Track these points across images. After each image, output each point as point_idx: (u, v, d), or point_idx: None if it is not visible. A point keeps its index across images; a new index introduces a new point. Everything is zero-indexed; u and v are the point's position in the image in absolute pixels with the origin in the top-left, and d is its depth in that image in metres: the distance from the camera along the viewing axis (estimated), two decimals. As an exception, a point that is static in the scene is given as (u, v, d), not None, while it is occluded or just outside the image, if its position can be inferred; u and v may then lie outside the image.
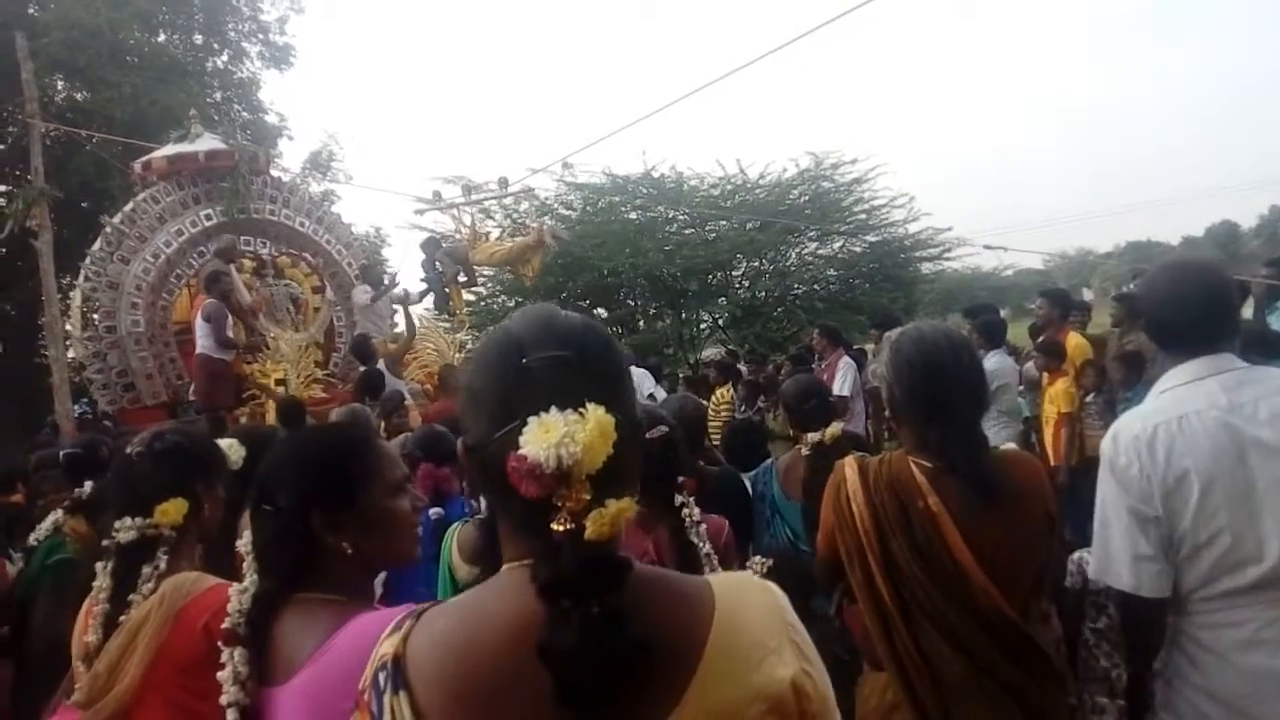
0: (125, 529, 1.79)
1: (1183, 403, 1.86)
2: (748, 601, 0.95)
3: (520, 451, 0.83)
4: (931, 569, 1.79)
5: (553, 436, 0.83)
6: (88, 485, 2.74)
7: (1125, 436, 1.88)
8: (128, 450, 1.90)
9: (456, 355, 8.35)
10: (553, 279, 15.31)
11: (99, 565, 1.81)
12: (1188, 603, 1.84)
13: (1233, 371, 1.87)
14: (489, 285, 16.61)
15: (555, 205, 16.27)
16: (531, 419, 0.84)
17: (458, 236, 10.98)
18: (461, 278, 11.03)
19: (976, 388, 1.91)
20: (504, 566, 0.94)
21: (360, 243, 12.77)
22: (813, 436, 3.16)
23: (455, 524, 2.60)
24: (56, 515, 2.87)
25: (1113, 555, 1.88)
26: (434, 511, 3.08)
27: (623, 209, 16.03)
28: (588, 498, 0.84)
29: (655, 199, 16.01)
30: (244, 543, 1.44)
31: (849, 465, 1.93)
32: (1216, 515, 1.78)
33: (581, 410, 0.85)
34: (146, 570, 1.77)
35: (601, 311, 16.51)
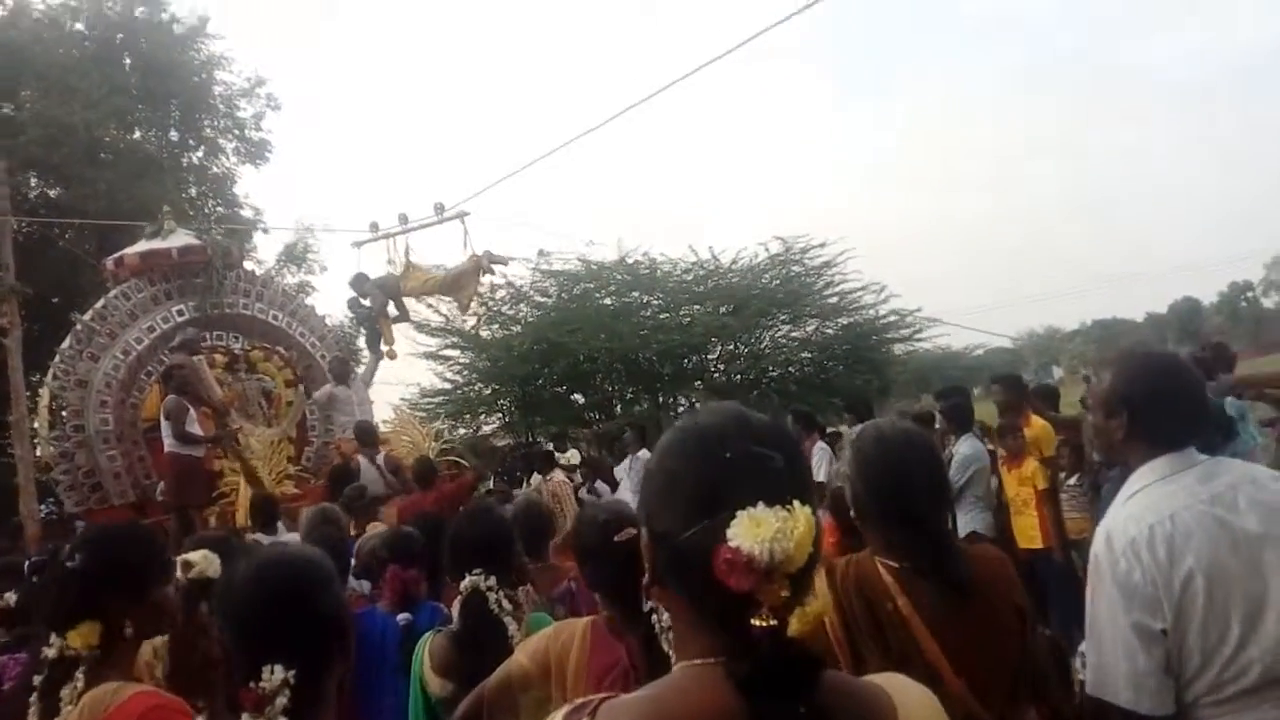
0: (49, 646, 1.75)
1: (1168, 499, 1.83)
2: (917, 700, 0.99)
3: (731, 544, 0.83)
4: (902, 673, 1.76)
5: (765, 531, 0.82)
6: (10, 596, 2.67)
7: (1120, 541, 1.83)
8: (62, 560, 1.86)
9: (431, 446, 8.27)
10: (529, 366, 15.34)
11: (35, 679, 1.77)
12: (1193, 710, 1.78)
13: (1201, 465, 1.87)
14: (465, 374, 16.60)
15: (530, 292, 16.43)
16: (741, 513, 0.84)
17: (390, 268, 10.78)
18: (392, 310, 10.85)
19: (940, 486, 1.92)
20: (681, 663, 0.93)
21: (334, 333, 12.77)
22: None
23: (427, 634, 2.53)
24: None
25: (1108, 669, 1.81)
26: (402, 617, 3.00)
27: (598, 295, 16.19)
28: (786, 594, 0.83)
29: (630, 285, 16.21)
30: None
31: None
32: (1225, 615, 1.74)
33: (789, 507, 0.85)
34: (65, 692, 1.73)
35: (578, 396, 16.51)
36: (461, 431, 14.78)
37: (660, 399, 16.48)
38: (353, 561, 4.07)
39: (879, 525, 1.90)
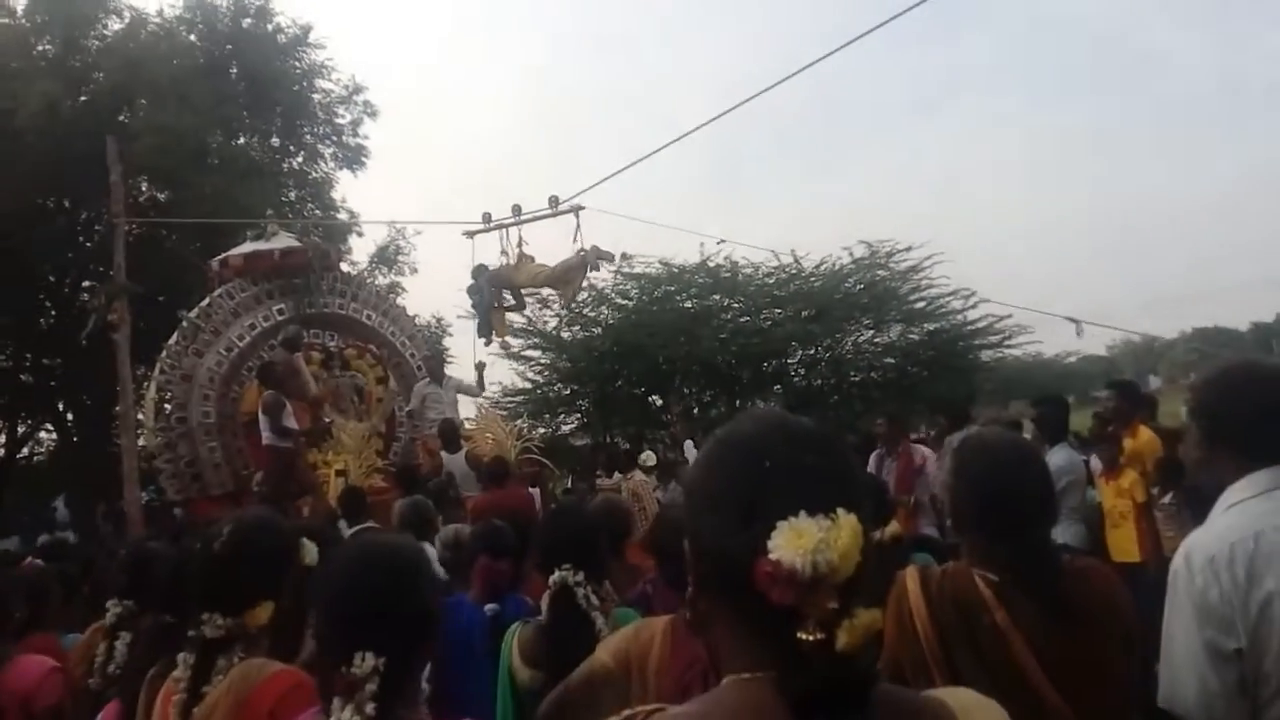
0: (213, 626, 1.83)
1: (1258, 518, 1.75)
2: (984, 715, 0.97)
3: (772, 556, 0.81)
4: (1001, 689, 1.71)
5: (807, 542, 0.80)
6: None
7: (1200, 557, 1.77)
8: (214, 544, 1.94)
9: (514, 445, 8.41)
10: (608, 365, 15.47)
11: (180, 656, 1.86)
12: None
13: None
14: (545, 374, 16.82)
15: (612, 295, 16.54)
16: (781, 523, 0.82)
17: (503, 260, 10.68)
18: (508, 301, 10.90)
19: (1046, 499, 1.86)
20: (729, 678, 0.91)
21: (422, 333, 13.10)
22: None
23: (515, 624, 2.59)
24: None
25: (1179, 684, 1.76)
26: (489, 607, 3.07)
27: (678, 298, 16.21)
28: (835, 606, 0.81)
29: (710, 288, 16.17)
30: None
31: (910, 577, 1.89)
32: None
33: (833, 516, 0.83)
34: (221, 663, 1.82)
35: (656, 399, 16.55)
36: (541, 430, 14.97)
37: (738, 402, 16.40)
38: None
39: (978, 535, 1.86)
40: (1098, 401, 7.69)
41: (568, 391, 16.67)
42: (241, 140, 18.74)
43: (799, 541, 0.80)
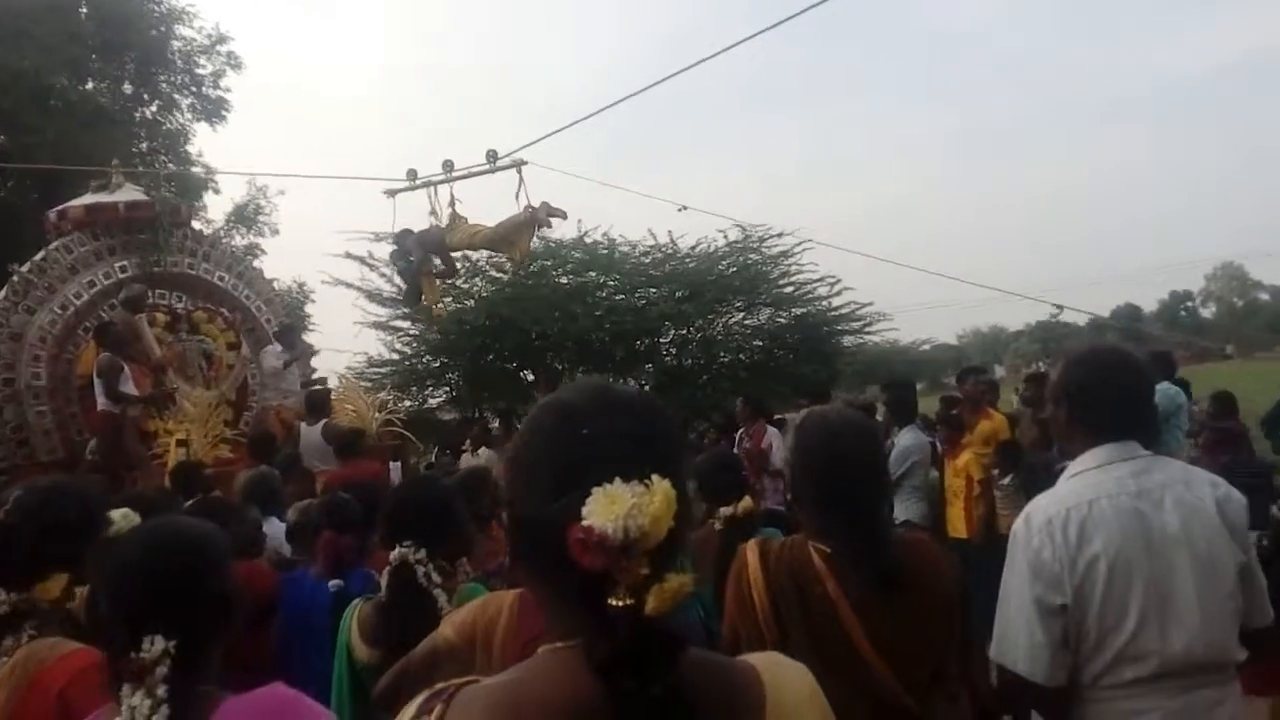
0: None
1: (1095, 487, 1.90)
2: (791, 681, 0.97)
3: (585, 522, 0.81)
4: (829, 657, 1.78)
5: (620, 508, 0.81)
6: None
7: (1038, 519, 1.91)
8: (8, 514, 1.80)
9: (375, 417, 8.15)
10: (480, 339, 15.20)
11: None
12: (1093, 690, 1.86)
13: (1140, 459, 1.93)
14: (413, 345, 16.41)
15: (486, 266, 16.25)
16: (596, 489, 0.82)
17: (434, 221, 9.57)
18: (439, 265, 9.85)
19: (879, 474, 1.94)
20: (543, 648, 0.91)
21: (281, 298, 12.51)
22: (725, 511, 3.17)
23: (356, 601, 2.51)
24: None
25: (1010, 638, 1.91)
26: (333, 584, 2.98)
27: (554, 273, 16.08)
28: (646, 572, 0.81)
29: (587, 264, 16.12)
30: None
31: (751, 549, 1.94)
32: (1124, 602, 1.81)
33: (647, 482, 0.83)
34: (8, 642, 1.70)
35: (528, 374, 16.42)
36: (407, 404, 14.59)
37: (610, 379, 16.43)
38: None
39: (814, 509, 1.92)
40: (947, 388, 8.12)
41: (437, 364, 16.30)
42: (90, 85, 17.32)
43: (612, 508, 0.81)
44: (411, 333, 16.30)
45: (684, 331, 16.57)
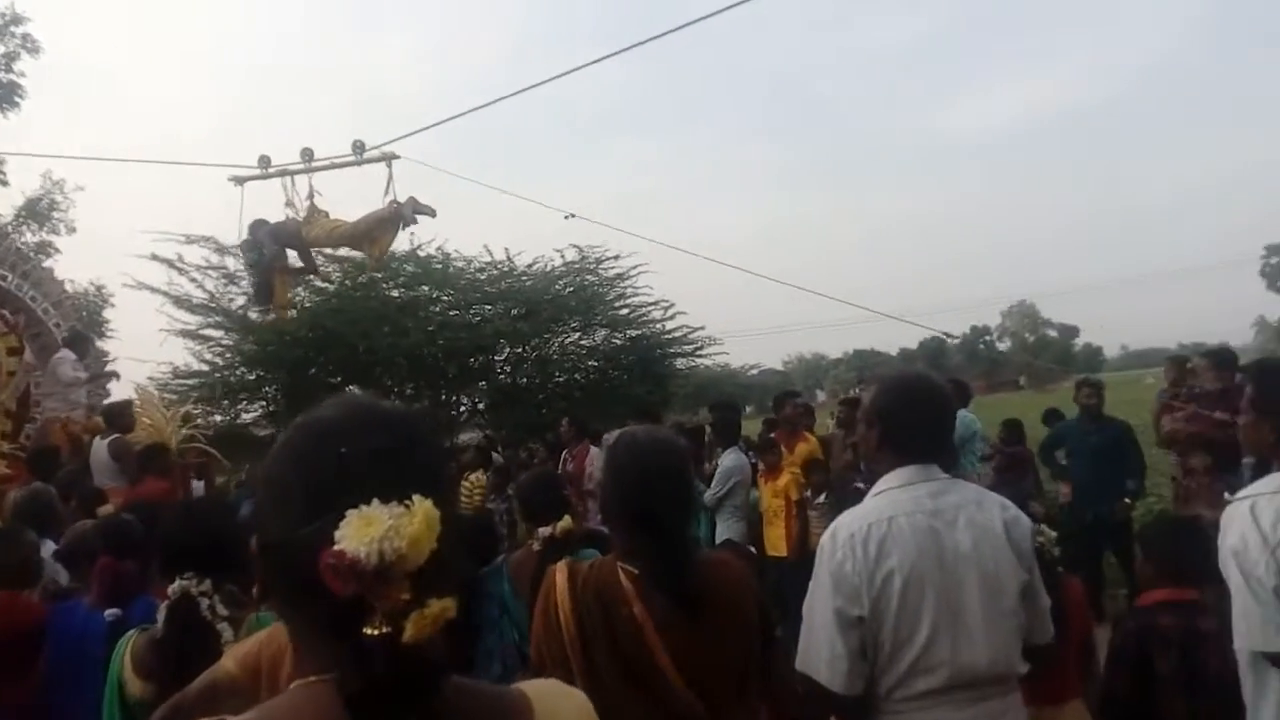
0: None
1: (895, 505, 2.00)
2: (564, 710, 0.95)
3: (338, 547, 0.75)
4: (634, 678, 1.78)
5: (375, 530, 0.75)
6: None
7: (842, 534, 1.99)
8: None
9: (176, 431, 7.55)
10: (301, 352, 14.45)
11: None
12: (888, 702, 1.94)
13: (939, 480, 2.04)
14: (227, 356, 15.39)
15: (311, 278, 15.51)
16: (351, 511, 0.77)
17: (289, 213, 8.87)
18: (294, 262, 9.17)
19: (687, 495, 1.95)
20: (295, 683, 0.84)
21: (74, 301, 11.44)
22: (543, 531, 3.12)
23: (131, 632, 2.28)
24: None
25: (814, 648, 1.97)
26: (110, 613, 2.71)
27: (384, 285, 15.54)
28: (407, 597, 0.76)
29: (420, 278, 15.69)
30: None
31: (560, 570, 1.91)
32: (916, 615, 1.90)
33: (407, 503, 0.78)
34: None
35: (353, 389, 15.75)
36: (217, 418, 13.65)
37: (444, 397, 16.08)
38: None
39: (623, 529, 1.92)
40: (770, 411, 8.43)
41: (253, 377, 15.33)
42: None
43: (367, 530, 0.76)
44: (224, 342, 15.29)
45: (519, 350, 16.43)
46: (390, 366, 15.52)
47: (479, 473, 8.88)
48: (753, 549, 6.09)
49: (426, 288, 15.69)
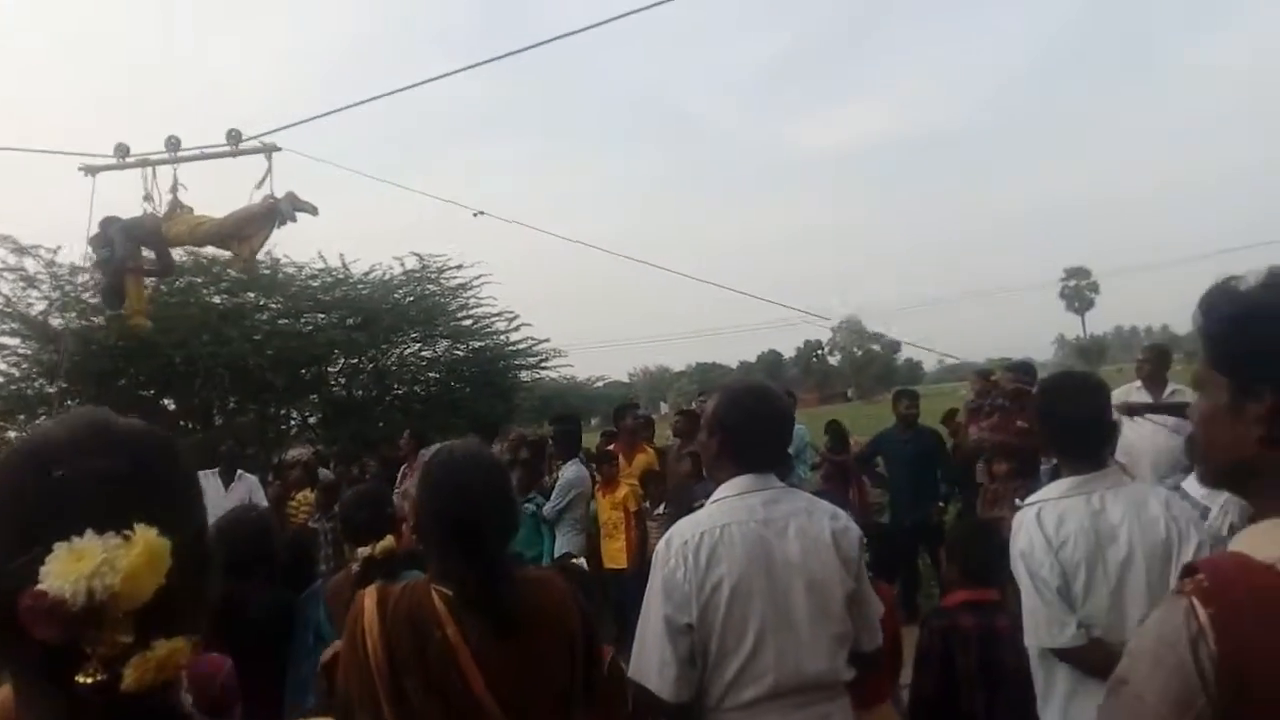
0: None
1: (730, 513, 2.02)
2: None
3: (39, 586, 0.66)
4: (447, 704, 1.70)
5: (85, 566, 0.67)
6: None
7: (676, 541, 2.00)
8: None
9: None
10: (110, 362, 13.31)
11: None
12: (716, 712, 1.96)
13: (773, 489, 2.08)
14: (24, 366, 13.99)
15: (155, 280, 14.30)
16: (59, 545, 0.68)
17: (148, 208, 7.96)
18: (150, 259, 8.20)
19: (504, 513, 1.89)
20: None
21: None
22: (363, 551, 2.97)
23: None
24: None
25: (646, 655, 1.97)
26: None
27: (204, 291, 14.56)
28: (128, 640, 0.68)
29: (244, 284, 14.79)
30: None
31: (369, 595, 1.79)
32: (743, 624, 1.92)
33: (128, 533, 0.69)
34: None
35: (169, 402, 14.66)
36: (12, 434, 12.36)
37: (272, 410, 15.22)
38: None
39: (437, 549, 1.83)
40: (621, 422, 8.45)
41: (53, 389, 13.97)
42: None
43: (76, 566, 0.67)
44: (21, 351, 13.89)
45: (355, 361, 15.82)
46: (210, 378, 14.52)
47: (307, 490, 8.43)
48: (584, 562, 6.07)
49: (252, 294, 14.83)
